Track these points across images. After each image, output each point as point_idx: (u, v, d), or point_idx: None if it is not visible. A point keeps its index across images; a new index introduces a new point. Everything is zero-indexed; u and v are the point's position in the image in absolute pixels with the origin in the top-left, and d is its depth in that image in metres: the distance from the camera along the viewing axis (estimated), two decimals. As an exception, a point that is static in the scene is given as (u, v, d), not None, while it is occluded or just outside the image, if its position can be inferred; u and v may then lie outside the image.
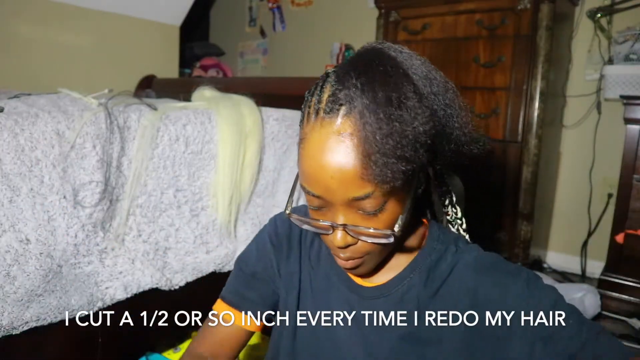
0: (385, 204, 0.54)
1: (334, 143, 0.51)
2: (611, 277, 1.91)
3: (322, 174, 0.52)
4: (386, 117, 0.48)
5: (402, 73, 0.53)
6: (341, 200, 0.53)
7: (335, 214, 0.55)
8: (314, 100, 0.55)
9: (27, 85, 1.82)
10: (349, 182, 0.51)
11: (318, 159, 0.51)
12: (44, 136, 0.94)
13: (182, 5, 2.79)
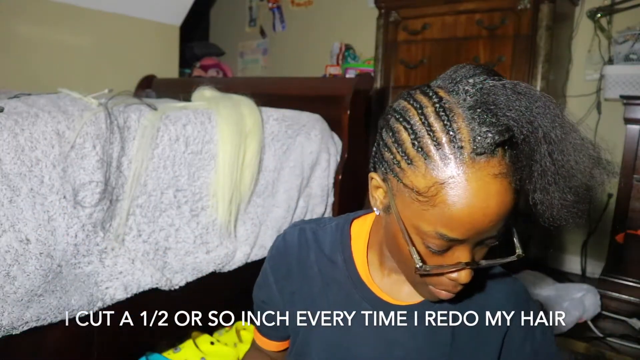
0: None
1: (495, 186, 0.47)
2: (611, 277, 1.90)
3: (482, 219, 0.48)
4: (574, 144, 0.48)
5: (547, 99, 0.51)
6: (481, 238, 0.51)
7: (462, 253, 0.52)
8: (440, 133, 0.49)
9: (27, 85, 1.82)
10: (502, 220, 0.49)
11: (479, 203, 0.47)
12: (44, 136, 0.94)
13: (182, 5, 2.79)
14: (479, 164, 0.47)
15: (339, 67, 2.86)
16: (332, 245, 0.69)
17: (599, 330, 1.72)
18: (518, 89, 0.50)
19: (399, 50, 2.34)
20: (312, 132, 1.44)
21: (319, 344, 0.67)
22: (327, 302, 0.67)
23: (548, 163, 0.48)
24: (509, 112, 0.47)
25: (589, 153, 0.51)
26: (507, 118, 0.47)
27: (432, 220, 0.50)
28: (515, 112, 0.47)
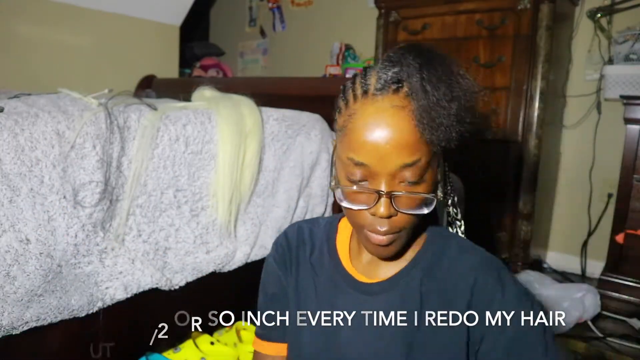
0: (425, 174, 0.58)
1: (390, 113, 0.56)
2: (611, 277, 1.90)
3: (378, 141, 0.56)
4: (449, 85, 0.55)
5: (449, 57, 0.59)
6: (389, 168, 0.57)
7: (379, 184, 0.58)
8: (358, 84, 0.59)
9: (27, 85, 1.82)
10: (403, 149, 0.56)
11: (374, 127, 0.56)
12: (44, 136, 0.94)
13: (182, 5, 2.79)
14: (378, 98, 0.57)
15: (339, 67, 2.86)
16: (321, 239, 0.76)
17: (599, 330, 1.72)
18: (417, 49, 0.58)
19: (399, 50, 2.34)
20: (312, 132, 1.44)
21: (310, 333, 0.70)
22: (316, 292, 0.72)
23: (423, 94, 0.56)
24: (412, 60, 0.57)
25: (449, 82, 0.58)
26: (400, 66, 0.57)
27: (345, 147, 0.59)
28: (406, 63, 0.57)
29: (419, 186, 0.58)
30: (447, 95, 0.55)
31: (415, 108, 0.55)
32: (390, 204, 0.58)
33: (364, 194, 0.59)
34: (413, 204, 0.59)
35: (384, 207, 0.58)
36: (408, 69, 0.56)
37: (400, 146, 0.56)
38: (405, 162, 0.56)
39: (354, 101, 0.59)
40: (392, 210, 0.58)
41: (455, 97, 0.55)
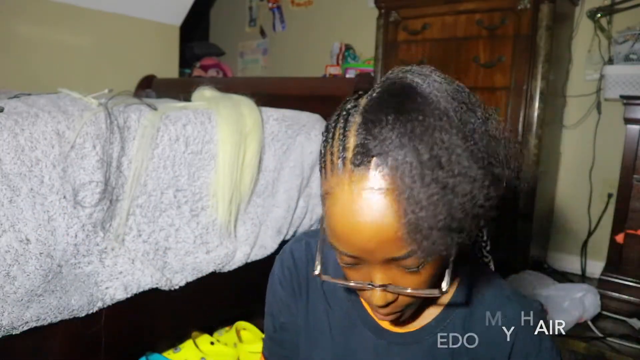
0: (423, 263, 0.48)
1: (370, 200, 0.44)
2: (611, 277, 1.90)
3: (357, 235, 0.45)
4: (436, 183, 0.41)
5: (446, 120, 0.44)
6: (379, 260, 0.47)
7: (373, 273, 0.49)
8: (337, 146, 0.47)
9: (27, 85, 1.82)
10: (389, 243, 0.45)
11: (351, 218, 0.45)
12: (44, 136, 0.94)
13: (182, 5, 2.79)
14: (356, 176, 0.45)
15: (339, 67, 2.85)
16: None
17: (599, 330, 1.72)
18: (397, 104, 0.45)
19: (399, 50, 2.34)
20: (312, 132, 1.44)
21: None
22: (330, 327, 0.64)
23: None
24: (389, 132, 0.43)
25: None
26: (385, 137, 0.43)
27: (328, 228, 0.49)
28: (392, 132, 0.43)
29: (419, 272, 0.48)
30: (433, 196, 0.40)
31: (402, 194, 0.42)
32: (387, 293, 0.50)
33: (358, 283, 0.51)
34: (417, 289, 0.49)
35: (380, 298, 0.50)
36: (382, 144, 0.43)
37: (385, 241, 0.45)
38: (394, 257, 0.46)
39: (332, 172, 0.47)
40: (390, 297, 0.50)
41: (447, 202, 0.41)
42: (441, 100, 0.46)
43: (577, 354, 1.55)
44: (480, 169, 0.43)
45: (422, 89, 0.47)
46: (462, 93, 0.50)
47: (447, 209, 0.41)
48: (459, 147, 0.42)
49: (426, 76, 0.49)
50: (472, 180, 0.42)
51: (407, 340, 0.60)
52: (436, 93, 0.47)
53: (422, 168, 0.41)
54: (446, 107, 0.45)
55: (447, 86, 0.49)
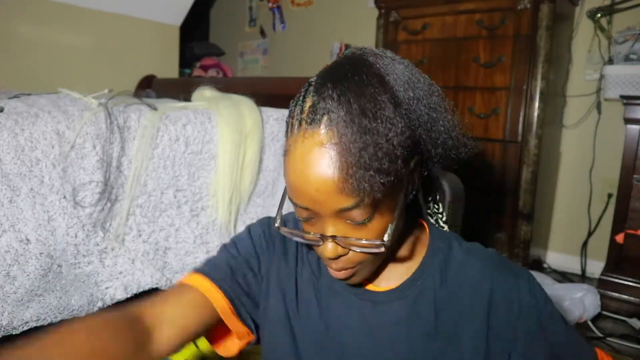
0: (374, 213, 0.53)
1: (317, 155, 0.50)
2: (611, 277, 1.90)
3: (307, 186, 0.51)
4: (360, 129, 0.48)
5: (378, 81, 0.51)
6: (329, 211, 0.52)
7: (325, 225, 0.54)
8: (296, 111, 0.54)
9: (27, 85, 1.82)
10: (334, 194, 0.50)
11: (302, 171, 0.51)
12: (44, 136, 0.94)
13: (182, 5, 2.79)
14: (307, 133, 0.51)
15: (339, 67, 2.86)
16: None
17: (599, 330, 1.72)
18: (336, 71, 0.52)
19: (399, 50, 2.34)
20: (312, 132, 1.44)
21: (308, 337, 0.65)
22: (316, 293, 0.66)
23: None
24: (330, 92, 0.50)
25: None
26: (327, 96, 0.50)
27: (287, 186, 0.55)
28: (334, 91, 0.50)
29: (368, 226, 0.53)
30: (358, 141, 0.47)
31: (340, 150, 0.48)
32: (337, 245, 0.54)
33: (311, 234, 0.55)
34: (364, 245, 0.54)
35: (330, 249, 0.54)
36: (325, 102, 0.50)
37: (332, 192, 0.50)
38: (341, 207, 0.51)
39: (291, 133, 0.54)
40: (340, 250, 0.55)
41: (369, 144, 0.47)
42: (384, 73, 0.53)
43: (577, 354, 1.55)
44: (401, 119, 0.50)
45: (369, 61, 0.54)
46: (417, 75, 0.56)
47: (370, 149, 0.48)
48: (383, 102, 0.50)
49: (379, 56, 0.55)
50: (391, 126, 0.49)
51: (390, 298, 0.63)
52: (381, 66, 0.53)
53: (351, 118, 0.48)
54: (385, 79, 0.52)
55: (401, 67, 0.55)
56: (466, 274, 0.62)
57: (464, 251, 0.64)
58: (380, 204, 0.52)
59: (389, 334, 0.62)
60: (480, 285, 0.60)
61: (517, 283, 0.60)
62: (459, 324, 0.60)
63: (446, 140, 0.58)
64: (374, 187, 0.48)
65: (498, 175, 2.11)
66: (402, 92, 0.53)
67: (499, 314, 0.59)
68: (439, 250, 0.64)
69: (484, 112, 2.11)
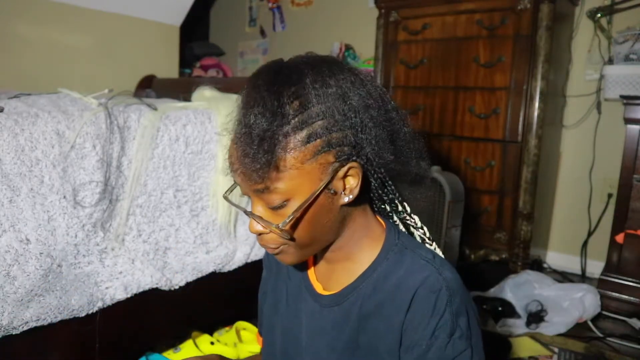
0: (288, 202, 0.56)
1: (241, 133, 0.55)
2: (611, 277, 1.90)
3: (232, 162, 0.57)
4: (255, 117, 0.53)
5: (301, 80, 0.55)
6: (248, 191, 0.58)
7: (253, 204, 0.60)
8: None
9: (27, 85, 1.82)
10: (249, 174, 0.55)
11: (231, 147, 0.57)
12: (44, 136, 0.94)
13: (182, 5, 2.79)
14: (241, 113, 0.56)
15: (339, 67, 2.85)
16: None
17: (599, 330, 1.72)
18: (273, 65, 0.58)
19: (399, 50, 2.34)
20: (312, 132, 1.44)
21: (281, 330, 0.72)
22: (287, 291, 0.73)
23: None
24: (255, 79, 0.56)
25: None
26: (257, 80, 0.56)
27: None
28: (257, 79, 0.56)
29: (280, 213, 0.57)
30: (246, 126, 0.54)
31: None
32: (256, 222, 0.59)
33: (241, 206, 0.63)
34: (278, 223, 0.57)
35: (250, 225, 0.60)
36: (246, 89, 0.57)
37: (246, 172, 0.55)
38: (254, 188, 0.56)
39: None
40: (260, 228, 0.59)
41: (251, 130, 0.53)
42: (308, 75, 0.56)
43: (577, 354, 1.55)
44: (282, 113, 0.54)
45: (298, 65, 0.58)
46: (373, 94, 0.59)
47: (248, 139, 0.54)
48: (269, 100, 0.54)
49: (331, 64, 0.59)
50: (271, 120, 0.53)
51: (331, 303, 0.66)
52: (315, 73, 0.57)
53: (251, 113, 0.54)
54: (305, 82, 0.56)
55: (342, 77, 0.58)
56: (399, 291, 0.60)
57: (409, 269, 0.62)
58: (294, 195, 0.56)
59: (331, 337, 0.65)
60: (404, 302, 0.60)
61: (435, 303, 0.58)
62: (378, 339, 0.61)
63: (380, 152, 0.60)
64: (259, 174, 0.54)
65: (498, 175, 2.11)
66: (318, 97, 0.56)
67: (410, 326, 0.59)
68: (385, 261, 0.64)
69: (484, 112, 2.11)
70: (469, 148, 2.17)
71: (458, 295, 0.59)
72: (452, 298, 0.58)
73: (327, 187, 0.57)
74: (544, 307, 1.75)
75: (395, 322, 0.60)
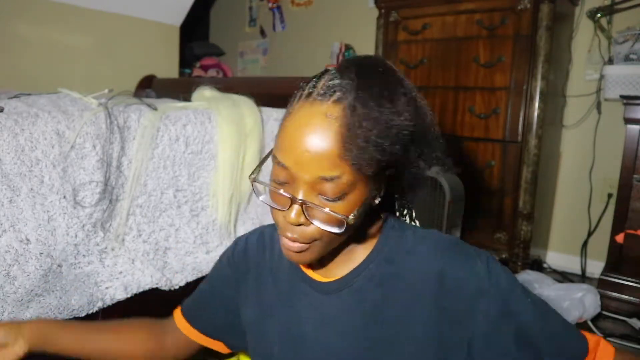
0: (347, 194, 0.55)
1: (318, 120, 0.53)
2: (611, 277, 1.90)
3: (299, 144, 0.54)
4: (377, 106, 0.52)
5: (397, 78, 0.57)
6: (308, 176, 0.54)
7: (297, 190, 0.56)
8: (309, 86, 0.57)
9: (27, 85, 1.82)
10: (322, 159, 0.53)
11: (299, 130, 0.54)
12: (44, 136, 0.95)
13: (182, 5, 2.79)
14: (316, 102, 0.55)
15: (339, 67, 2.85)
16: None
17: (599, 330, 1.72)
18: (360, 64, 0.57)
19: (399, 50, 2.34)
20: (312, 132, 1.44)
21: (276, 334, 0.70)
22: (277, 293, 0.71)
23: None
24: (353, 75, 0.55)
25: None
26: (348, 77, 0.55)
27: (276, 145, 0.58)
28: (346, 77, 0.55)
29: (336, 205, 0.56)
30: (371, 116, 0.52)
31: (346, 123, 0.52)
32: (302, 212, 0.56)
33: (282, 196, 0.57)
34: (327, 220, 0.56)
35: (295, 214, 0.56)
36: (347, 83, 0.54)
37: (321, 157, 0.53)
38: (324, 175, 0.54)
39: (297, 101, 0.57)
40: (303, 219, 0.57)
41: (381, 121, 0.52)
42: (402, 77, 0.58)
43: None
44: (406, 113, 0.54)
45: (390, 65, 0.59)
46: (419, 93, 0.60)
47: (382, 127, 0.52)
48: (400, 94, 0.55)
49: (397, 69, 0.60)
50: (402, 115, 0.53)
51: (339, 286, 0.65)
52: (399, 73, 0.59)
53: (369, 95, 0.53)
54: (402, 80, 0.57)
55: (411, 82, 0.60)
56: (415, 259, 0.62)
57: (416, 238, 0.64)
58: (354, 187, 0.55)
59: (342, 323, 0.64)
60: (430, 269, 0.60)
61: (471, 265, 0.60)
62: (409, 309, 0.61)
63: (428, 154, 0.61)
64: (370, 162, 0.52)
65: (498, 175, 2.11)
66: (412, 94, 0.57)
67: (451, 297, 0.59)
68: (389, 238, 0.65)
69: (484, 112, 2.11)
70: (469, 148, 2.17)
71: (465, 244, 0.62)
72: (481, 255, 0.61)
73: (378, 187, 0.59)
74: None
75: (427, 291, 0.60)
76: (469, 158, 2.18)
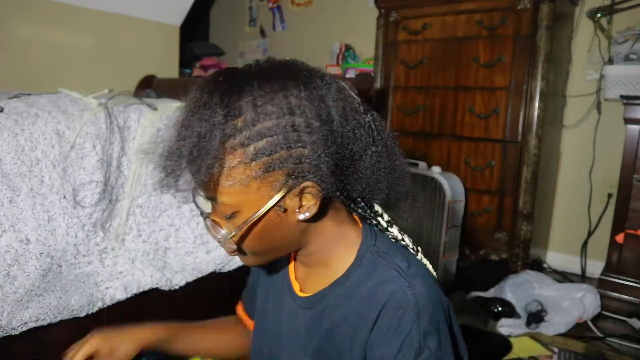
0: (236, 215, 0.56)
1: (182, 140, 0.56)
2: (611, 277, 1.90)
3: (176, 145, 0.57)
4: (192, 124, 0.53)
5: (251, 93, 0.53)
6: (205, 195, 0.58)
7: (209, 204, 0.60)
8: None
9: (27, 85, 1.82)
10: (195, 181, 0.56)
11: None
12: (44, 136, 0.94)
13: (182, 5, 2.79)
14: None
15: (339, 67, 2.86)
16: None
17: (599, 330, 1.72)
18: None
19: (399, 50, 2.34)
20: (312, 132, 1.44)
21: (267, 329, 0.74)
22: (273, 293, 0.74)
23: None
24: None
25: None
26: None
27: None
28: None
29: (231, 222, 0.57)
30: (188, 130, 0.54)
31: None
32: (210, 227, 0.59)
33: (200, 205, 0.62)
34: (229, 231, 0.57)
35: (206, 227, 0.60)
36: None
37: (195, 178, 0.55)
38: (205, 195, 0.57)
39: None
40: (213, 231, 0.59)
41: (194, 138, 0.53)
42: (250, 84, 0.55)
43: (577, 354, 1.55)
44: (230, 127, 0.52)
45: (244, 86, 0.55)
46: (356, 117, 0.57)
47: (195, 149, 0.52)
48: (217, 113, 0.52)
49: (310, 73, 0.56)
50: (217, 133, 0.52)
51: (304, 305, 0.66)
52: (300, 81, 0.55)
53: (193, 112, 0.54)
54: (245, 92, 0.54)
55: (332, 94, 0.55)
56: (367, 304, 0.58)
57: (380, 280, 0.59)
58: (242, 208, 0.55)
59: (302, 340, 0.65)
60: (371, 314, 0.57)
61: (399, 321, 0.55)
62: (344, 351, 0.60)
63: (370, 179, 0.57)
64: (205, 185, 0.54)
65: (498, 175, 2.11)
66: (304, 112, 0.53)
67: (375, 342, 0.57)
68: (357, 270, 0.62)
69: (484, 112, 2.11)
70: (469, 148, 2.17)
71: (428, 312, 0.55)
72: (421, 316, 0.55)
73: (277, 204, 0.55)
74: (544, 307, 1.75)
75: (361, 336, 0.58)
76: (469, 158, 2.18)
